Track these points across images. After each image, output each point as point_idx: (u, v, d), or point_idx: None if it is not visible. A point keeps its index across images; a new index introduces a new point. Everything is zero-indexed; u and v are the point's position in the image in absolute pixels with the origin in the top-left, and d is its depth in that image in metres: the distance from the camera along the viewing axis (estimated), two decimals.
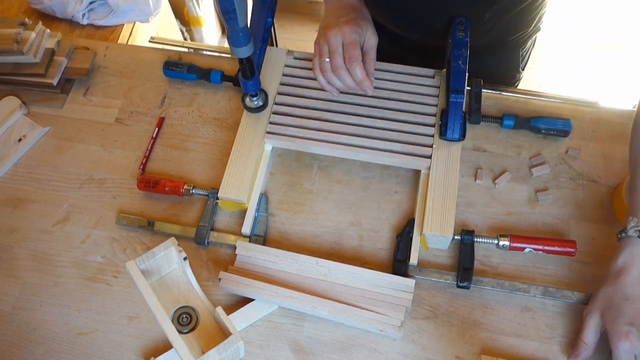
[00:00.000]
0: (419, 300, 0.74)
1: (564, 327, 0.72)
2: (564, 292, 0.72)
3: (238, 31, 0.66)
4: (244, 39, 0.68)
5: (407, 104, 0.83)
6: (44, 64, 0.91)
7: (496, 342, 0.71)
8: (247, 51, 0.70)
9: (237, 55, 0.71)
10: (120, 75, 0.96)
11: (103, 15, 1.40)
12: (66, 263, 0.79)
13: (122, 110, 0.92)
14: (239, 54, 0.70)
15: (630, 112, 0.87)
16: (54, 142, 0.90)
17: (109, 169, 0.87)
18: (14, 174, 0.87)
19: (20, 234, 0.82)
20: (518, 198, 0.81)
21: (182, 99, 0.93)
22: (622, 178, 0.81)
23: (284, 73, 0.88)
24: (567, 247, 0.73)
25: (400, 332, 0.69)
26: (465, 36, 0.79)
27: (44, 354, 0.73)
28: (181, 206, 0.83)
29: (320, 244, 0.79)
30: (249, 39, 0.68)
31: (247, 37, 0.68)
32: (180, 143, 0.88)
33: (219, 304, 0.75)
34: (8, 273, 0.79)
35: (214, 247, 0.79)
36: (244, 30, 0.67)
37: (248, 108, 0.83)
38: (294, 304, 0.71)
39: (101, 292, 0.77)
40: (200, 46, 1.13)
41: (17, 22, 0.91)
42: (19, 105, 0.91)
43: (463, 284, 0.73)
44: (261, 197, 0.81)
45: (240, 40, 0.68)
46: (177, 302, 0.70)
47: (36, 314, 0.76)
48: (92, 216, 0.83)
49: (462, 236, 0.75)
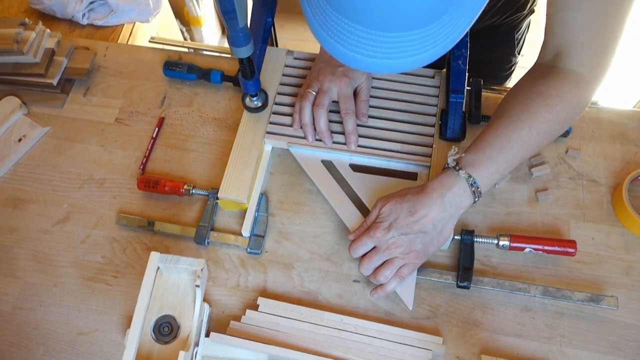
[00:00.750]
0: (419, 300, 0.74)
1: (564, 327, 0.72)
2: (564, 292, 0.72)
3: (238, 31, 0.66)
4: (244, 39, 0.68)
5: (407, 104, 0.83)
6: (44, 64, 0.91)
7: (496, 342, 0.71)
8: (247, 51, 0.70)
9: (237, 55, 0.71)
10: (120, 75, 0.96)
11: (103, 15, 1.40)
12: (66, 263, 0.79)
13: (122, 110, 0.92)
14: (239, 54, 0.70)
15: (631, 112, 0.87)
16: (54, 142, 0.90)
17: (109, 169, 0.87)
18: (14, 174, 0.87)
19: (20, 234, 0.82)
20: (518, 198, 0.81)
21: (182, 99, 0.93)
22: (622, 178, 0.81)
23: (284, 73, 0.88)
24: (567, 247, 0.73)
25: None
26: (465, 36, 0.79)
27: (44, 354, 0.73)
28: (181, 206, 0.83)
29: (320, 244, 0.79)
30: (249, 39, 0.68)
31: (247, 37, 0.68)
32: (180, 143, 0.88)
33: (217, 307, 0.75)
34: (8, 273, 0.79)
35: (214, 247, 0.79)
36: (244, 30, 0.67)
37: (248, 108, 0.83)
38: None
39: (101, 292, 0.77)
40: (200, 46, 1.13)
41: (17, 22, 0.91)
42: (19, 105, 0.91)
43: (463, 284, 0.73)
44: (261, 197, 0.81)
45: (240, 40, 0.68)
46: (164, 308, 0.69)
47: (36, 314, 0.76)
48: (92, 216, 0.83)
49: (462, 236, 0.75)
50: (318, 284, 0.76)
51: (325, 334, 0.71)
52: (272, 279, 0.77)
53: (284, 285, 0.76)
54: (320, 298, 0.75)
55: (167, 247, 0.80)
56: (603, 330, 0.72)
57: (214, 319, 0.74)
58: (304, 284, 0.76)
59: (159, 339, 0.67)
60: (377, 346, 0.70)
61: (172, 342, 0.67)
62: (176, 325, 0.68)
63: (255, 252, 0.78)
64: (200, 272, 0.66)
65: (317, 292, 0.76)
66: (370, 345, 0.70)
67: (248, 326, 0.72)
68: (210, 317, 0.74)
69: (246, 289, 0.76)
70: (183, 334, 0.67)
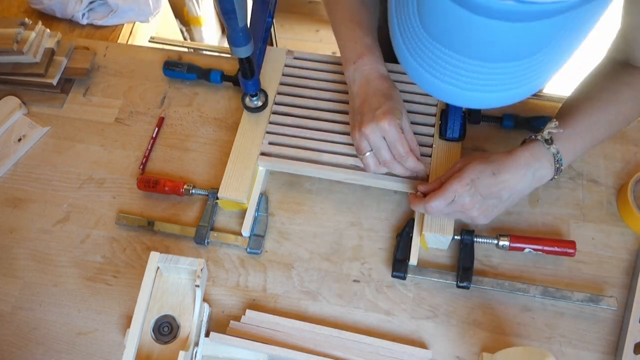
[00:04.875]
0: (419, 300, 0.74)
1: (564, 327, 0.72)
2: (563, 292, 0.72)
3: (238, 31, 0.66)
4: (244, 38, 0.68)
5: (407, 104, 0.83)
6: (44, 64, 0.91)
7: (496, 342, 0.71)
8: (247, 51, 0.70)
9: (237, 55, 0.71)
10: (120, 75, 0.96)
11: (103, 15, 1.40)
12: (66, 263, 0.79)
13: (122, 110, 0.92)
14: (238, 53, 0.70)
15: None
16: (54, 142, 0.90)
17: (108, 168, 0.87)
18: (13, 174, 0.87)
19: (20, 234, 0.82)
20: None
21: (182, 99, 0.93)
22: (623, 178, 0.81)
23: (284, 73, 0.88)
24: (567, 248, 0.73)
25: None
26: None
27: (44, 353, 0.73)
28: (181, 206, 0.83)
29: (320, 243, 0.79)
30: (248, 39, 0.68)
31: (247, 37, 0.68)
32: (180, 143, 0.88)
33: (217, 307, 0.75)
34: (8, 273, 0.79)
35: (214, 247, 0.79)
36: (244, 30, 0.67)
37: (248, 108, 0.83)
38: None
39: (101, 292, 0.77)
40: (200, 46, 1.13)
41: (17, 22, 0.91)
42: (19, 105, 0.91)
43: (463, 284, 0.73)
44: (261, 197, 0.81)
45: (240, 40, 0.68)
46: (164, 308, 0.69)
47: (36, 313, 0.76)
48: (92, 216, 0.83)
49: (462, 236, 0.75)
50: (318, 284, 0.76)
51: (325, 334, 0.71)
52: (272, 279, 0.77)
53: (283, 285, 0.76)
54: (320, 298, 0.75)
55: (167, 247, 0.80)
56: (603, 330, 0.72)
57: (213, 319, 0.74)
58: (303, 284, 0.76)
59: (158, 339, 0.67)
60: (377, 346, 0.70)
61: (172, 342, 0.67)
62: (176, 325, 0.68)
63: (255, 252, 0.78)
64: (200, 272, 0.66)
65: (317, 292, 0.76)
66: (370, 345, 0.70)
67: (248, 326, 0.72)
68: (210, 317, 0.74)
69: (246, 289, 0.76)
70: (183, 334, 0.68)
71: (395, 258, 0.75)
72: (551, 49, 0.44)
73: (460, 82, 0.47)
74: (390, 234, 0.79)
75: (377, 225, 0.80)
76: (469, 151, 0.84)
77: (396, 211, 0.81)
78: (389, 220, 0.80)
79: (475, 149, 0.84)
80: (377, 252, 0.78)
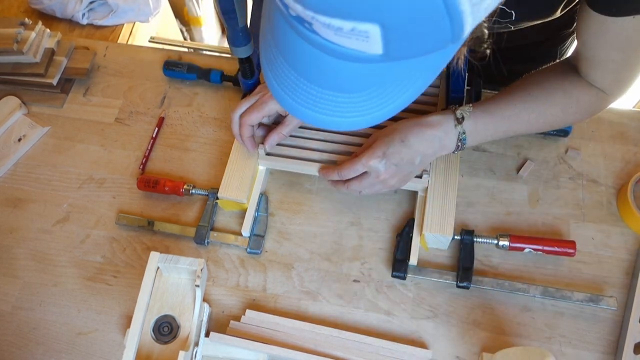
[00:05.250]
0: (418, 300, 0.74)
1: (564, 327, 0.72)
2: (563, 292, 0.72)
3: (238, 31, 0.66)
4: (244, 38, 0.68)
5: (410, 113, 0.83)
6: (44, 64, 0.91)
7: (496, 342, 0.71)
8: (246, 51, 0.70)
9: (236, 55, 0.71)
10: (120, 75, 0.96)
11: (103, 15, 1.40)
12: (66, 263, 0.79)
13: (122, 110, 0.92)
14: (238, 53, 0.70)
15: (631, 112, 0.87)
16: (54, 142, 0.90)
17: (108, 168, 0.87)
18: (13, 174, 0.87)
19: (20, 234, 0.82)
20: (518, 198, 0.81)
21: (182, 99, 0.93)
22: (623, 178, 0.81)
23: None
24: (567, 248, 0.73)
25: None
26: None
27: (44, 353, 0.73)
28: (181, 206, 0.83)
29: (320, 243, 0.79)
30: (248, 39, 0.68)
31: (246, 37, 0.68)
32: (180, 143, 0.88)
33: (217, 307, 0.75)
34: (8, 273, 0.79)
35: (214, 247, 0.79)
36: (244, 30, 0.67)
37: None
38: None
39: (101, 292, 0.77)
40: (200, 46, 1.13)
41: (17, 22, 0.91)
42: (19, 105, 0.91)
43: (463, 284, 0.73)
44: (261, 197, 0.81)
45: (239, 40, 0.68)
46: (164, 308, 0.69)
47: (36, 313, 0.76)
48: (92, 216, 0.83)
49: (462, 236, 0.75)
50: (318, 284, 0.76)
51: (325, 334, 0.71)
52: (272, 279, 0.77)
53: (283, 285, 0.76)
54: (320, 298, 0.75)
55: (167, 247, 0.80)
56: (603, 330, 0.72)
57: (213, 318, 0.74)
58: (303, 284, 0.76)
59: (158, 339, 0.67)
60: (377, 346, 0.70)
61: (172, 342, 0.67)
62: (176, 325, 0.68)
63: (255, 252, 0.78)
64: (200, 272, 0.66)
65: (317, 292, 0.76)
66: (370, 345, 0.70)
67: (248, 326, 0.72)
68: (210, 317, 0.74)
69: (246, 289, 0.76)
70: (183, 334, 0.68)
71: (395, 258, 0.75)
72: (389, 85, 0.45)
73: (307, 103, 0.48)
74: (390, 234, 0.79)
75: (377, 225, 0.80)
76: (469, 151, 0.84)
77: (396, 211, 0.81)
78: (389, 220, 0.80)
79: (475, 149, 0.84)
80: (377, 252, 0.78)
